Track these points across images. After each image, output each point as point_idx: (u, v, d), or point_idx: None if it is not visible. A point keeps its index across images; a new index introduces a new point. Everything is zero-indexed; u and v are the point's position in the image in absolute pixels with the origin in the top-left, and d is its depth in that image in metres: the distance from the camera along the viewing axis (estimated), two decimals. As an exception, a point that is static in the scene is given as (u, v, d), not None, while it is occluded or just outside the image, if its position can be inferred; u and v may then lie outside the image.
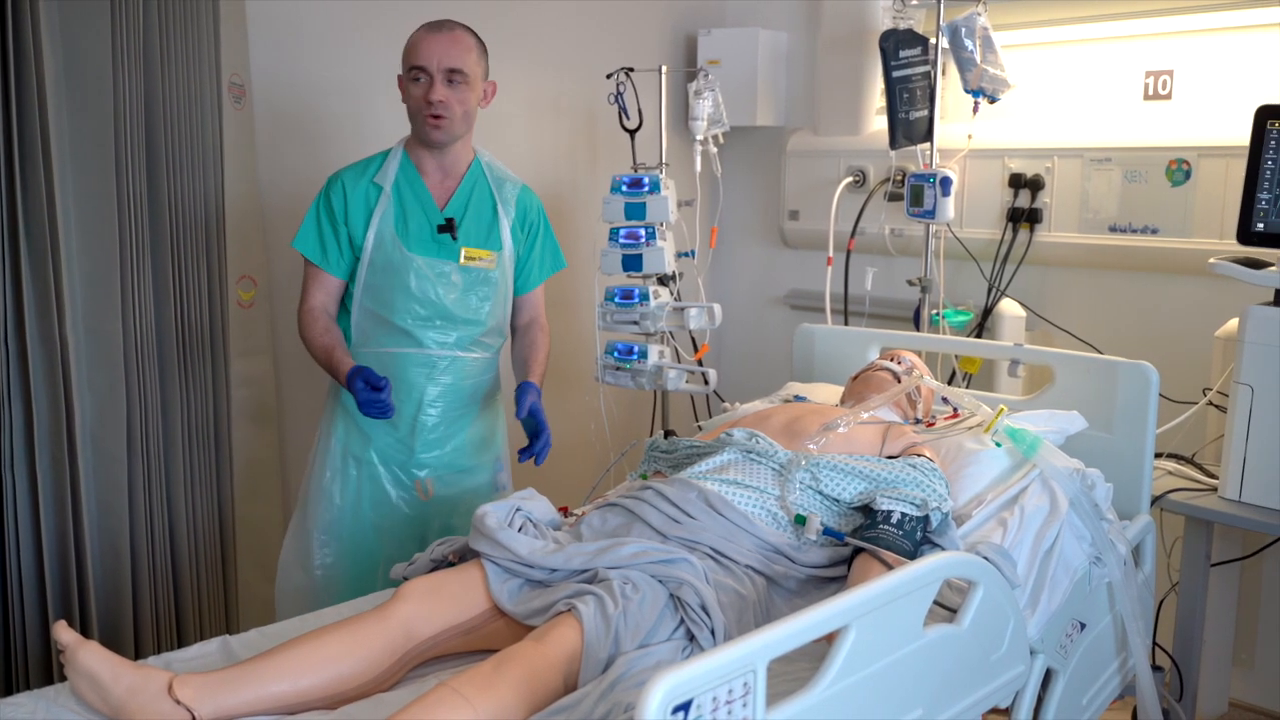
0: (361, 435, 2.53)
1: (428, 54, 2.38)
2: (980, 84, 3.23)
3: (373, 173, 2.51)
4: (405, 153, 2.53)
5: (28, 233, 2.38)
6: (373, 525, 2.54)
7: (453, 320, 2.49)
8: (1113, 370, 2.51)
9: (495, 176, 2.58)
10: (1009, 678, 1.93)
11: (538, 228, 2.64)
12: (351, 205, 2.48)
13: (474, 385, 2.58)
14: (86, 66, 2.45)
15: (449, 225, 2.47)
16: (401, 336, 2.48)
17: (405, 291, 2.45)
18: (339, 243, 2.49)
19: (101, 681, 1.64)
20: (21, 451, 2.43)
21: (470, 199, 2.54)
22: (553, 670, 1.64)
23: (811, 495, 2.15)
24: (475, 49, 2.44)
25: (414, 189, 2.50)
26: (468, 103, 2.44)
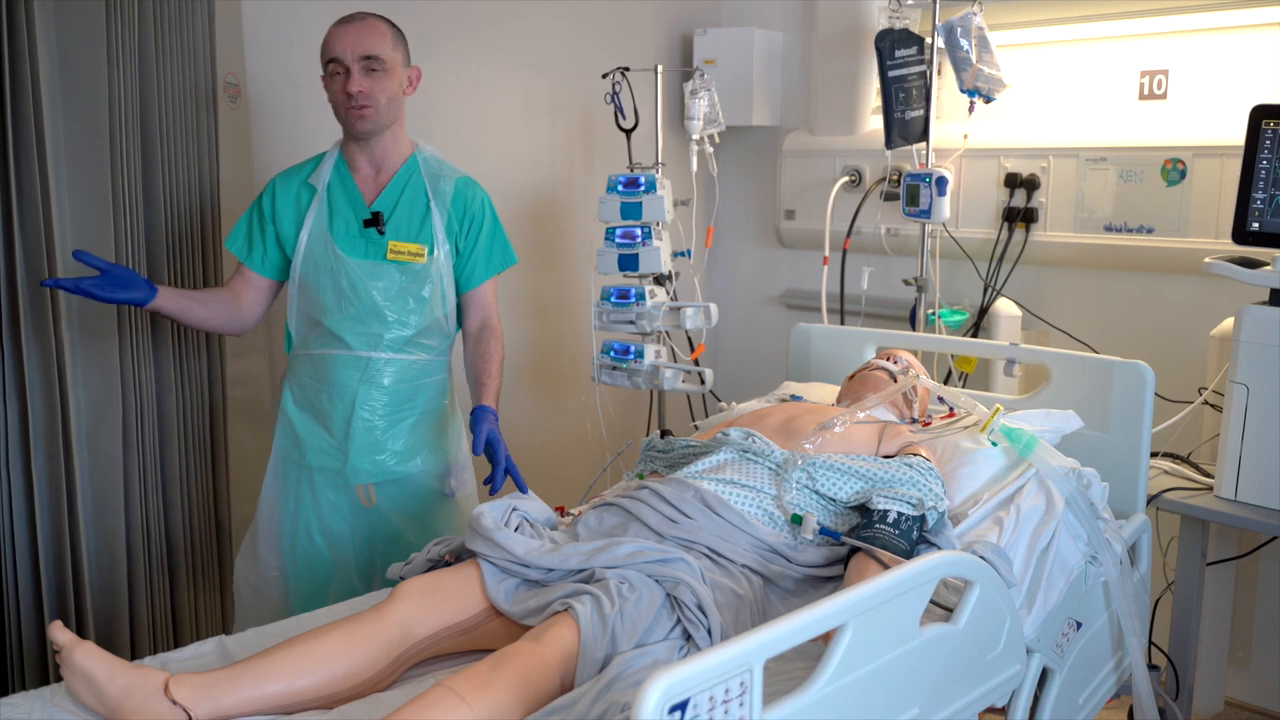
0: (296, 441, 2.48)
1: (340, 45, 2.34)
2: (976, 84, 3.24)
3: (306, 174, 2.48)
4: (340, 153, 2.49)
5: (22, 231, 2.37)
6: (319, 532, 2.49)
7: (384, 320, 2.42)
8: (1108, 370, 2.51)
9: (432, 170, 2.51)
10: (1005, 677, 1.93)
11: (480, 221, 2.53)
12: (280, 205, 2.46)
13: (412, 388, 2.49)
14: (81, 65, 2.45)
15: (375, 219, 2.40)
16: (332, 338, 2.43)
17: (336, 291, 2.41)
18: (264, 241, 2.46)
19: (97, 682, 1.64)
20: (16, 450, 2.43)
21: (402, 193, 2.47)
22: (549, 670, 1.65)
23: (808, 495, 2.15)
24: (390, 35, 2.39)
25: (345, 187, 2.46)
26: (389, 90, 2.38)
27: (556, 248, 3.83)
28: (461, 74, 3.45)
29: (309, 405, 2.48)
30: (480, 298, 2.56)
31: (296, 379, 2.51)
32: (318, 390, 2.46)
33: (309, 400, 2.48)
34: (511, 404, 3.74)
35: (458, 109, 3.46)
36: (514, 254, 2.60)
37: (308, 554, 2.50)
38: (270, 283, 2.51)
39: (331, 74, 2.37)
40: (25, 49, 2.32)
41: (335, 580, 2.50)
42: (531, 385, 3.81)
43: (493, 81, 3.55)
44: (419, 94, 3.29)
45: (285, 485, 2.50)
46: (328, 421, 2.45)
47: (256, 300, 2.51)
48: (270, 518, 2.52)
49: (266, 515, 2.53)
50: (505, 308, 3.67)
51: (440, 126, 3.40)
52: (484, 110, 3.54)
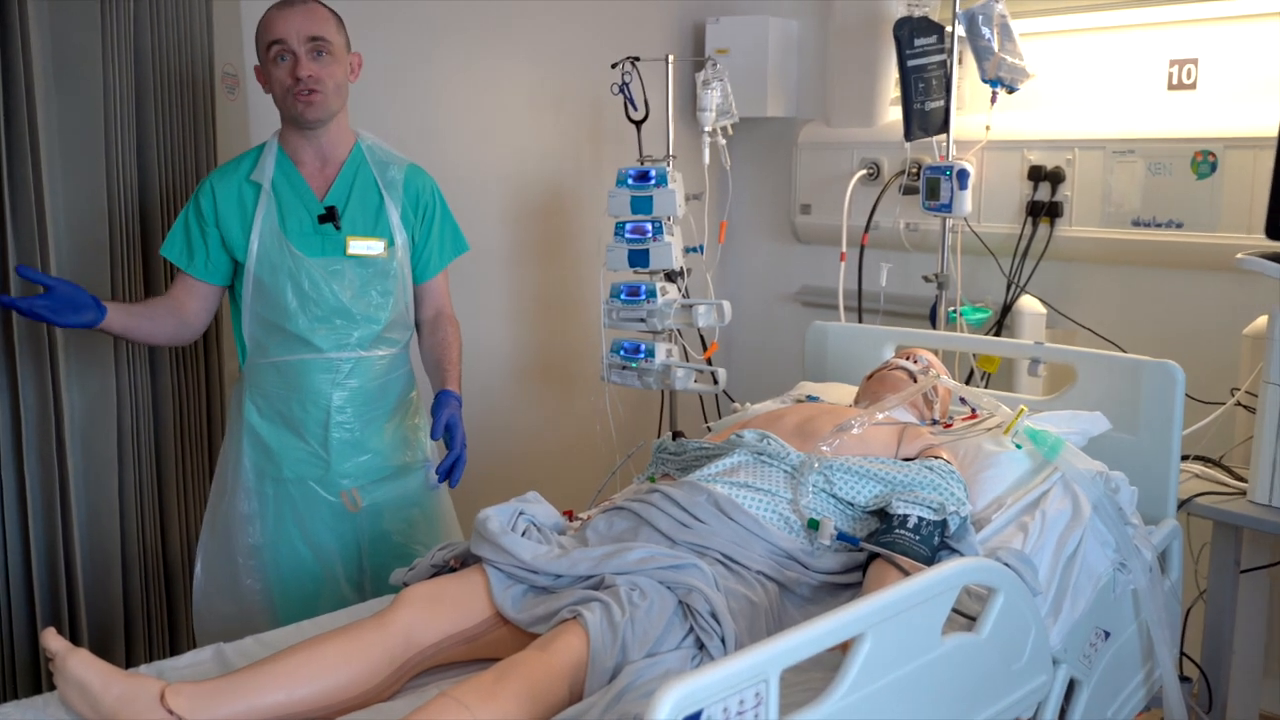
0: (269, 454, 2.43)
1: (285, 27, 2.28)
2: (998, 73, 3.23)
3: (246, 171, 2.40)
4: (280, 146, 2.42)
5: (15, 227, 2.38)
6: (303, 544, 2.45)
7: (351, 319, 2.39)
8: (1137, 370, 2.50)
9: (378, 159, 2.47)
10: (1031, 688, 1.92)
11: (433, 210, 2.52)
12: (223, 207, 2.37)
13: (383, 385, 2.48)
14: (75, 55, 2.45)
15: (330, 214, 2.36)
16: (298, 343, 2.38)
17: (298, 293, 2.35)
18: (206, 245, 2.38)
19: (92, 690, 1.64)
20: (9, 452, 2.43)
21: (353, 185, 2.43)
22: (557, 680, 1.64)
23: (825, 499, 2.15)
24: (333, 20, 2.36)
25: (291, 182, 2.40)
26: (336, 75, 2.34)
27: (564, 243, 3.83)
28: (466, 64, 3.45)
29: (277, 415, 2.42)
30: (435, 288, 2.56)
31: (259, 390, 2.43)
32: (286, 399, 2.41)
33: (277, 410, 2.42)
34: (517, 405, 3.74)
35: (462, 101, 3.46)
36: (465, 241, 2.60)
37: (294, 569, 2.45)
38: (214, 289, 2.43)
39: (274, 58, 2.30)
40: (18, 39, 2.33)
41: (324, 592, 2.47)
42: (538, 386, 3.81)
43: (499, 72, 3.55)
44: (421, 84, 3.31)
45: (263, 503, 2.44)
46: (301, 430, 2.41)
47: (201, 309, 2.44)
48: (245, 540, 2.44)
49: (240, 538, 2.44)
50: (510, 305, 3.69)
51: (443, 118, 3.40)
52: (490, 102, 3.54)
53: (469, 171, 3.48)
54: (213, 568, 2.48)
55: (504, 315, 3.68)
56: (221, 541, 2.47)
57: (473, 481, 2.60)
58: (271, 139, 2.44)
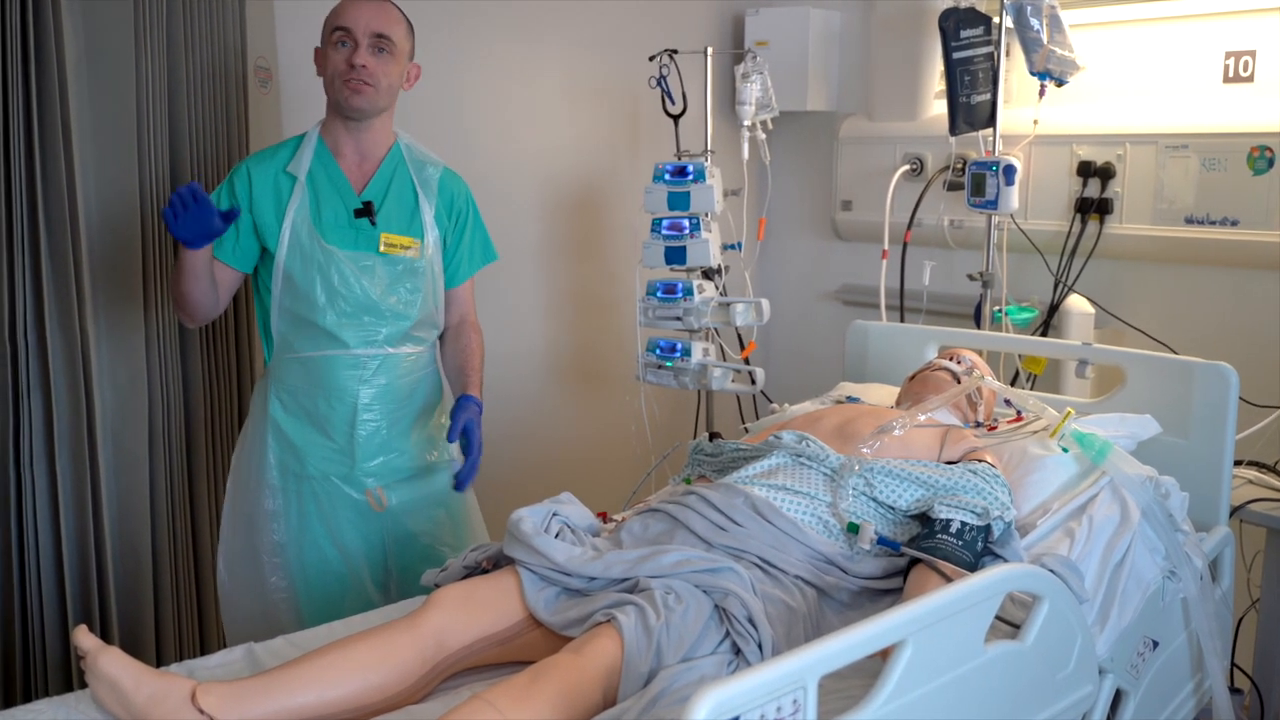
0: (294, 450, 2.44)
1: (354, 17, 2.33)
2: (1047, 66, 3.20)
3: (284, 160, 2.42)
4: (321, 138, 2.44)
5: (47, 222, 2.42)
6: (329, 542, 2.47)
7: (379, 315, 2.41)
8: (1189, 371, 2.48)
9: (415, 159, 2.50)
10: (1076, 698, 1.91)
11: (465, 215, 2.55)
12: (258, 194, 2.39)
13: (411, 383, 2.50)
14: (109, 49, 2.49)
15: (367, 209, 2.39)
16: (325, 338, 2.39)
17: (327, 287, 2.37)
18: (238, 231, 2.39)
19: (123, 689, 1.66)
20: (41, 449, 2.47)
21: (391, 182, 2.45)
22: (591, 684, 1.65)
23: (865, 502, 2.14)
24: (403, 23, 2.40)
25: (329, 174, 2.42)
26: (392, 75, 2.37)
27: (599, 239, 3.84)
28: (502, 57, 3.46)
29: (302, 412, 2.44)
30: (462, 294, 2.59)
31: (284, 385, 2.45)
32: (312, 395, 2.42)
33: (302, 406, 2.43)
34: (550, 405, 3.75)
35: (498, 93, 3.47)
36: (494, 251, 2.63)
37: (319, 567, 2.47)
38: (237, 275, 2.43)
39: (335, 43, 2.34)
40: (51, 32, 2.36)
41: (350, 593, 2.48)
42: (572, 385, 3.82)
43: (535, 65, 3.56)
44: (458, 77, 3.33)
45: (287, 499, 2.46)
46: (327, 427, 2.42)
47: (225, 293, 2.44)
48: (270, 537, 2.46)
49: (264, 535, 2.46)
50: (544, 303, 3.70)
51: (479, 111, 3.42)
52: (525, 95, 3.55)
53: (504, 166, 3.49)
54: (236, 566, 2.50)
55: (538, 313, 3.70)
56: (244, 539, 2.49)
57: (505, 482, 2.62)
58: (313, 130, 2.46)
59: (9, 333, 2.42)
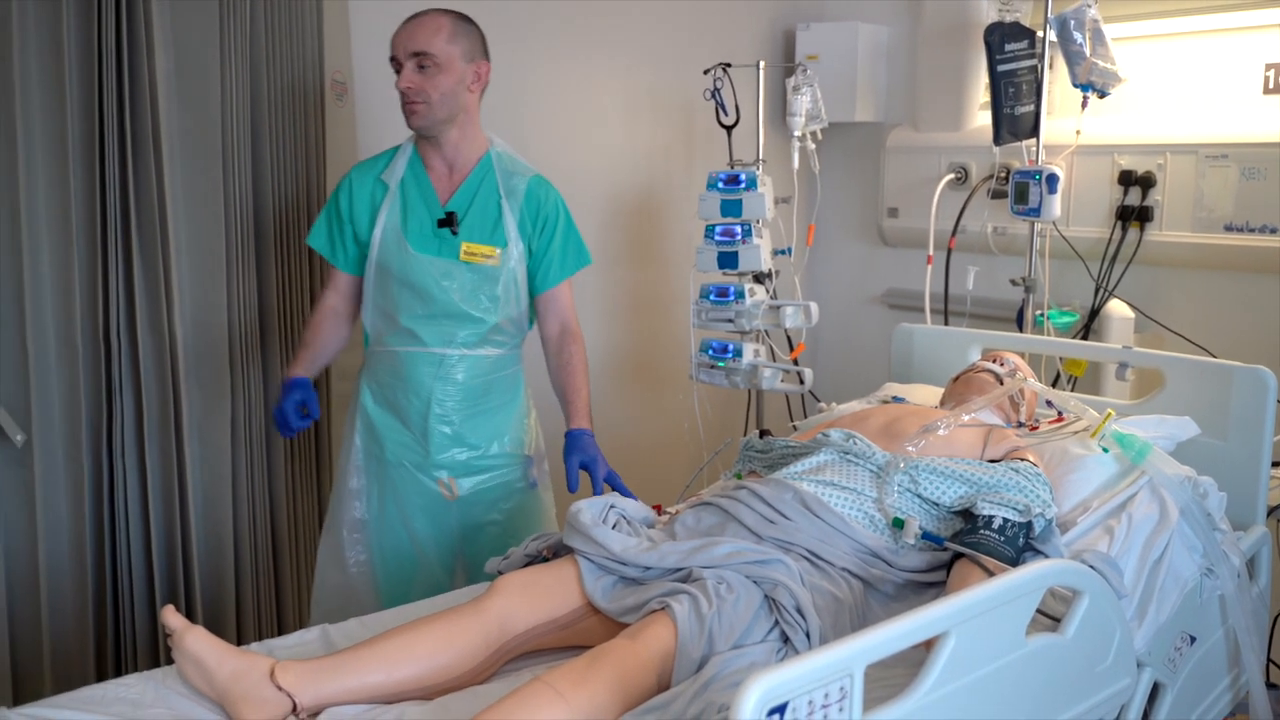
0: (377, 436, 2.51)
1: (396, 42, 2.36)
2: (1090, 78, 3.16)
3: (380, 169, 2.48)
4: (414, 148, 2.49)
5: (139, 228, 2.47)
6: (401, 524, 2.51)
7: (458, 318, 2.43)
8: (1227, 375, 2.44)
9: (505, 169, 2.49)
10: (1114, 690, 1.89)
11: (554, 221, 2.51)
12: (356, 202, 2.46)
13: (487, 383, 2.50)
14: (196, 65, 2.53)
15: (449, 219, 2.41)
16: (407, 336, 2.44)
17: (409, 289, 2.42)
18: (344, 239, 2.48)
19: (207, 666, 1.70)
20: (132, 442, 2.52)
21: (476, 193, 2.46)
22: (646, 668, 1.65)
23: (910, 498, 2.13)
24: (447, 31, 2.35)
25: (419, 185, 2.46)
26: (441, 87, 2.35)
27: (655, 245, 3.85)
28: (562, 70, 3.48)
29: (386, 402, 2.50)
30: (556, 299, 2.55)
31: (374, 376, 2.52)
32: (394, 387, 2.48)
33: (386, 397, 2.49)
34: (608, 402, 3.76)
35: (558, 105, 3.49)
36: (588, 254, 2.58)
37: (395, 549, 2.52)
38: (353, 280, 2.52)
39: (395, 71, 2.38)
40: (144, 48, 2.41)
41: (419, 575, 2.52)
42: (629, 383, 3.83)
43: (593, 77, 3.57)
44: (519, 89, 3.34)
45: (370, 481, 2.52)
46: (405, 418, 2.47)
47: (351, 298, 2.54)
48: (352, 513, 2.53)
49: (348, 511, 2.54)
50: (602, 305, 3.71)
51: (540, 122, 3.43)
52: (585, 106, 3.56)
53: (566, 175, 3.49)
54: (329, 537, 2.58)
55: (597, 315, 3.71)
56: (334, 514, 2.57)
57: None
58: (408, 140, 2.50)
59: (103, 333, 2.47)
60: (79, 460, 2.45)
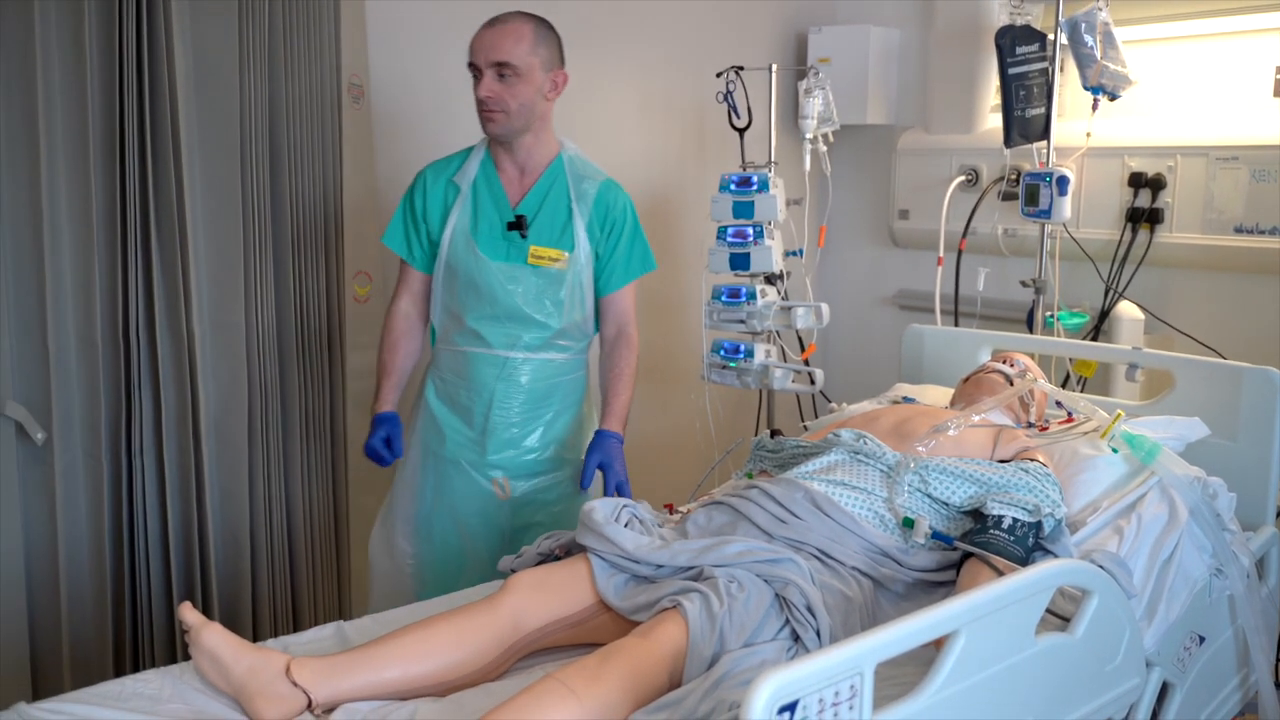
0: (437, 432, 2.53)
1: (477, 49, 2.35)
2: (1100, 80, 3.15)
3: (453, 171, 2.50)
4: (487, 150, 2.50)
5: (158, 229, 2.47)
6: (453, 520, 2.53)
7: (523, 321, 2.44)
8: (1237, 376, 2.43)
9: (576, 173, 2.50)
10: (1124, 690, 1.88)
11: (621, 225, 2.52)
12: (430, 202, 2.48)
13: (549, 386, 2.51)
14: (214, 67, 2.53)
15: (518, 223, 2.42)
16: (472, 336, 2.47)
17: (475, 291, 2.43)
18: (420, 238, 2.50)
19: (223, 661, 1.70)
20: (150, 439, 2.53)
21: (546, 197, 2.47)
22: (658, 666, 1.65)
23: (920, 498, 2.12)
24: (529, 39, 2.35)
25: (490, 187, 2.47)
26: (521, 96, 2.36)
27: (668, 246, 3.84)
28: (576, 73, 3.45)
29: (449, 399, 2.52)
30: (616, 303, 2.56)
31: (439, 372, 2.55)
32: (457, 385, 2.50)
33: (449, 394, 2.52)
34: (621, 401, 3.75)
35: (572, 107, 3.46)
36: (653, 260, 2.59)
37: (443, 543, 2.55)
38: (427, 280, 2.55)
39: (474, 77, 2.37)
40: (164, 51, 2.41)
41: (467, 572, 2.53)
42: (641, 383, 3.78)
43: (607, 80, 3.57)
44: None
45: (425, 475, 2.55)
46: (467, 416, 2.49)
47: (425, 298, 2.57)
48: (407, 504, 2.56)
49: (403, 502, 2.57)
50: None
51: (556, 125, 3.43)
52: (598, 109, 3.56)
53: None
54: (382, 527, 2.61)
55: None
56: (390, 505, 2.60)
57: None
58: (480, 143, 2.52)
59: (122, 332, 2.48)
60: (98, 458, 2.46)
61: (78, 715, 1.63)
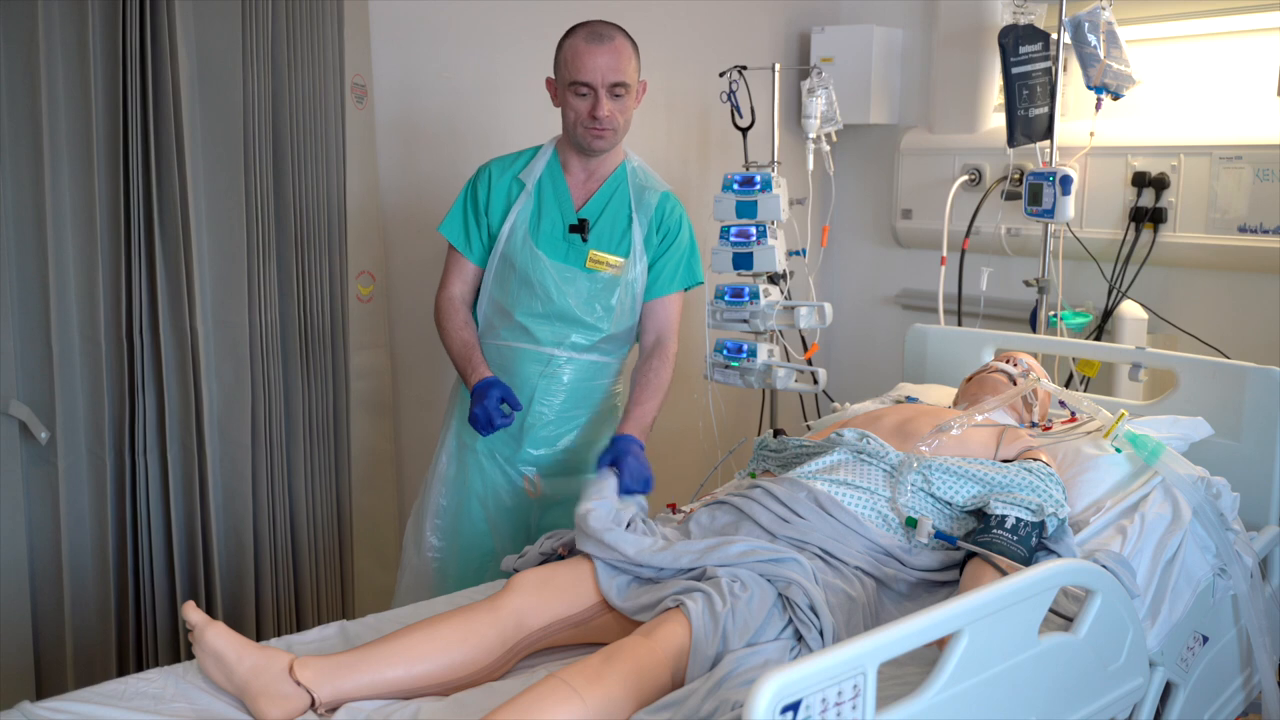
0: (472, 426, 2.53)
1: (592, 70, 2.30)
2: (1104, 80, 3.15)
3: (519, 168, 2.48)
4: (555, 151, 2.49)
5: (162, 229, 2.47)
6: (481, 516, 2.53)
7: (572, 322, 2.43)
8: (1240, 375, 2.42)
9: (638, 183, 2.50)
10: (1127, 690, 1.87)
11: (674, 234, 2.50)
12: (494, 196, 2.46)
13: (589, 388, 2.51)
14: (218, 68, 2.53)
15: (581, 226, 2.42)
16: (520, 332, 2.45)
17: (528, 288, 2.42)
18: (480, 231, 2.48)
19: (227, 661, 1.70)
20: (154, 439, 2.53)
21: (609, 202, 2.47)
22: (661, 666, 1.65)
23: (923, 497, 2.12)
24: (633, 56, 2.36)
25: (555, 187, 2.46)
26: (628, 111, 2.39)
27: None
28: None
29: None
30: (658, 310, 2.51)
31: None
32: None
33: None
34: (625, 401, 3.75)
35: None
36: (700, 274, 2.56)
37: (469, 537, 2.54)
38: (479, 272, 2.51)
39: (577, 94, 2.33)
40: (168, 51, 2.42)
41: (492, 567, 2.52)
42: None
43: (610, 81, 3.56)
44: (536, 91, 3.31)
45: (460, 469, 2.54)
46: None
47: (475, 289, 2.53)
48: (438, 497, 2.55)
49: (434, 494, 2.55)
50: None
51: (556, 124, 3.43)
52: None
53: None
54: (415, 521, 2.60)
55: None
56: (422, 498, 2.59)
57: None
58: (549, 142, 2.52)
59: (125, 331, 2.48)
60: (102, 457, 2.46)
61: (81, 714, 1.63)
